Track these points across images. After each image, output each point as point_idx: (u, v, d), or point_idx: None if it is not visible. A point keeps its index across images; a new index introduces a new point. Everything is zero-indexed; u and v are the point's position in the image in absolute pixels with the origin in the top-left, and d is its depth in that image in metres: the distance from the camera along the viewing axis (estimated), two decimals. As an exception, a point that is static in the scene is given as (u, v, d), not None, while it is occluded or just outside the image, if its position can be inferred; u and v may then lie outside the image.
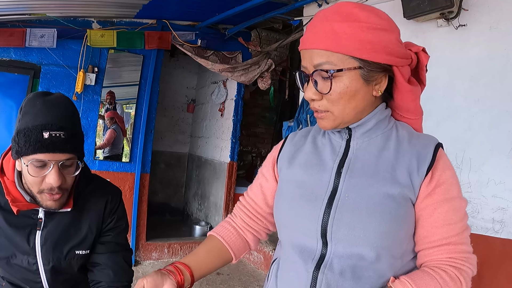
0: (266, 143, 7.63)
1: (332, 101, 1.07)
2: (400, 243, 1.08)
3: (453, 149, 2.75)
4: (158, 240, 5.59)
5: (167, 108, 7.37)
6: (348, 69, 1.03)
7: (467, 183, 2.68)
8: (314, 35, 1.05)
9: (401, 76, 1.08)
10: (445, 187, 1.07)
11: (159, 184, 7.28)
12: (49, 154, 1.36)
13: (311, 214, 1.11)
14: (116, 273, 1.65)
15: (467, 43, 2.76)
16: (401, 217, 1.06)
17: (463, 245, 1.07)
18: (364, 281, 1.07)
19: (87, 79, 4.87)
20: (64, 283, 1.66)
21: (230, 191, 6.02)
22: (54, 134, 1.36)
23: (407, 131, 1.16)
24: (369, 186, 1.08)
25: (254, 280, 4.94)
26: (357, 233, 1.05)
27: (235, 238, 1.37)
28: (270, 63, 5.40)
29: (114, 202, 1.69)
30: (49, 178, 1.39)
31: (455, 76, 2.82)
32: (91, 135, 5.02)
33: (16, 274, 1.59)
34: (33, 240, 1.53)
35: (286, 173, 1.26)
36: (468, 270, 1.06)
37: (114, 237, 1.69)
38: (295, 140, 1.31)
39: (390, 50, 1.03)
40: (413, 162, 1.08)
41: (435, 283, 1.02)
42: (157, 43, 5.11)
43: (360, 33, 1.01)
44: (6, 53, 4.57)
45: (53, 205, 1.46)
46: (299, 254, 1.14)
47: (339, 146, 1.17)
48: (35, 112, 1.39)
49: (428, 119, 2.77)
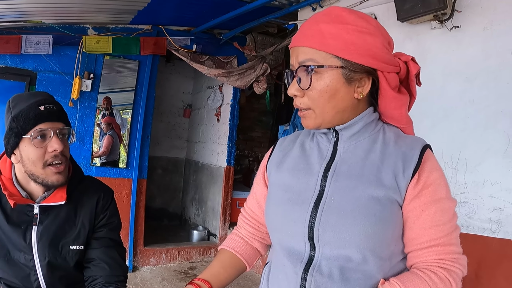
0: (263, 147, 7.63)
1: (313, 98, 1.09)
2: (387, 244, 1.08)
3: (449, 149, 2.76)
4: (156, 246, 5.58)
5: (163, 114, 7.38)
6: (329, 66, 1.05)
7: (463, 184, 2.69)
8: (302, 34, 1.10)
9: (385, 82, 1.09)
10: (432, 188, 1.07)
11: (157, 190, 7.27)
12: (48, 123, 1.53)
13: (298, 218, 1.13)
14: (111, 267, 1.70)
15: (461, 44, 2.77)
16: (387, 219, 1.06)
17: (452, 246, 1.07)
18: (352, 283, 1.08)
19: (83, 85, 4.87)
20: (60, 280, 1.69)
21: (227, 195, 6.02)
22: (49, 107, 1.55)
23: (394, 133, 1.16)
24: (354, 189, 1.09)
25: (253, 284, 4.93)
26: (342, 236, 1.05)
27: (245, 247, 1.40)
28: (266, 67, 5.41)
29: (106, 199, 1.77)
30: (53, 144, 1.53)
31: (449, 77, 2.83)
32: (87, 141, 5.01)
33: (13, 271, 1.62)
34: (29, 236, 1.59)
35: (274, 178, 1.28)
36: (457, 271, 1.06)
37: (107, 232, 1.76)
38: (284, 145, 1.33)
39: (373, 54, 1.05)
40: (398, 164, 1.09)
41: (425, 284, 1.03)
42: (153, 49, 5.12)
43: (345, 34, 1.04)
44: (2, 60, 4.57)
45: (58, 179, 1.57)
46: (288, 257, 1.16)
47: (326, 150, 1.19)
48: (25, 99, 1.56)
49: (423, 120, 2.82)
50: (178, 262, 5.62)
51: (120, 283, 1.69)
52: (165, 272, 5.29)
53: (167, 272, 5.31)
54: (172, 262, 5.59)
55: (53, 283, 1.67)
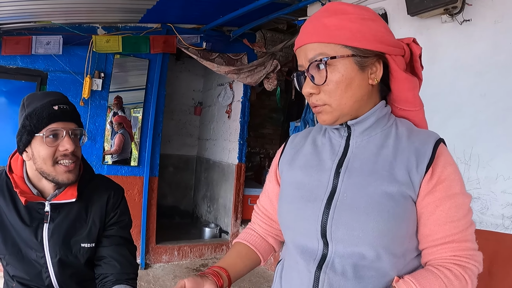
0: (274, 144, 7.62)
1: (329, 92, 1.08)
2: (401, 241, 1.06)
3: (461, 145, 2.74)
4: (168, 243, 5.61)
5: (174, 112, 7.40)
6: (341, 56, 1.05)
7: (476, 179, 2.67)
8: (305, 33, 1.10)
9: (395, 64, 1.09)
10: (446, 183, 1.05)
11: (168, 187, 7.31)
12: (61, 123, 1.55)
13: (310, 215, 1.12)
14: (122, 265, 1.71)
15: (472, 38, 2.74)
16: (400, 215, 1.05)
17: (467, 242, 1.05)
18: (366, 280, 1.06)
19: (94, 84, 4.90)
20: (71, 278, 1.71)
21: (239, 192, 6.03)
22: (62, 107, 1.57)
23: (407, 128, 1.15)
24: (367, 185, 1.07)
25: (265, 281, 4.94)
26: (356, 233, 1.04)
27: (259, 241, 1.41)
28: (276, 63, 5.40)
29: (116, 197, 1.78)
30: (64, 144, 1.55)
31: (460, 72, 2.80)
32: (99, 140, 5.05)
33: (25, 269, 1.64)
34: (40, 234, 1.61)
35: (286, 175, 1.27)
36: (473, 267, 1.04)
37: (117, 230, 1.77)
38: (295, 141, 1.33)
39: (379, 38, 1.06)
40: (411, 159, 1.07)
41: (440, 282, 1.01)
42: (162, 47, 5.13)
43: (349, 23, 1.05)
44: (13, 61, 4.62)
45: (69, 177, 1.59)
46: (301, 254, 1.15)
47: (338, 145, 1.18)
48: (39, 98, 1.58)
49: (434, 116, 2.78)
50: (190, 259, 5.65)
51: (130, 281, 1.70)
52: (177, 269, 5.32)
53: (179, 269, 5.34)
54: (184, 259, 5.62)
55: (65, 280, 1.69)
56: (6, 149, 2.37)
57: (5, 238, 1.61)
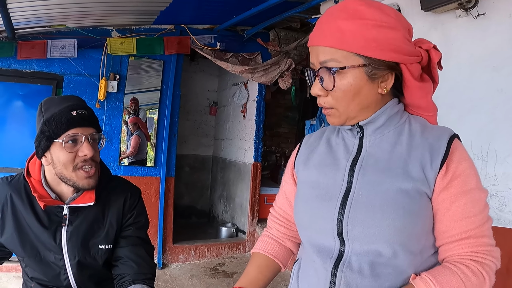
0: (289, 143, 7.61)
1: (336, 98, 1.08)
2: (417, 238, 1.05)
3: (478, 141, 2.69)
4: (185, 243, 5.64)
5: (189, 112, 7.43)
6: (352, 66, 1.03)
7: (493, 176, 2.62)
8: (320, 32, 1.07)
9: (409, 74, 1.07)
10: (462, 179, 1.04)
11: (185, 187, 7.34)
12: (80, 128, 1.55)
13: (326, 214, 1.12)
14: (139, 265, 1.71)
15: (487, 32, 2.69)
16: (416, 212, 1.04)
17: (484, 238, 1.04)
18: (383, 278, 1.06)
19: (109, 86, 4.95)
20: (90, 279, 1.72)
21: (255, 192, 6.03)
22: (81, 112, 1.57)
23: (420, 124, 1.14)
24: (382, 183, 1.07)
25: (281, 280, 4.93)
26: (372, 231, 1.04)
27: (277, 248, 1.39)
28: (290, 62, 5.38)
29: (133, 199, 1.78)
30: (84, 150, 1.56)
31: (476, 67, 2.76)
32: (115, 141, 5.10)
33: (44, 271, 1.66)
34: (59, 236, 1.63)
35: (302, 175, 1.27)
36: (491, 263, 1.03)
37: (134, 231, 1.77)
38: (310, 142, 1.33)
39: (396, 48, 1.02)
40: (425, 156, 1.06)
41: (457, 278, 1.00)
42: (177, 48, 5.16)
43: (365, 30, 1.01)
44: (28, 65, 4.69)
45: (90, 183, 1.60)
46: (317, 253, 1.15)
47: (352, 145, 1.17)
48: (57, 103, 1.58)
49: (451, 111, 2.76)
50: (207, 259, 5.67)
51: (148, 281, 1.70)
52: (194, 269, 5.34)
53: (196, 268, 5.36)
54: (201, 259, 5.64)
55: (83, 281, 1.70)
56: (24, 152, 2.41)
57: (24, 240, 1.62)
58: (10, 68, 4.65)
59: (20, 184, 1.65)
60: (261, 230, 5.87)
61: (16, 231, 1.62)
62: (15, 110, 4.84)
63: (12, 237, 1.62)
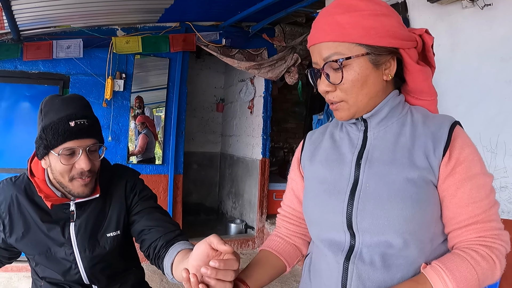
0: (297, 138, 7.59)
1: (346, 90, 1.10)
2: (427, 226, 1.06)
3: (487, 133, 2.67)
4: (194, 240, 5.56)
5: (196, 109, 7.44)
6: (356, 56, 1.06)
7: (503, 168, 2.60)
8: (319, 30, 1.10)
9: (409, 58, 1.10)
10: (465, 165, 1.05)
11: (193, 185, 7.36)
12: (77, 140, 1.50)
13: (335, 208, 1.13)
14: (164, 227, 1.63)
15: (494, 22, 2.66)
16: (423, 200, 1.05)
17: (492, 222, 1.04)
18: (394, 269, 1.06)
19: (116, 85, 4.97)
20: (102, 272, 1.72)
21: (263, 187, 6.02)
22: (79, 122, 1.51)
23: (422, 114, 1.16)
24: (388, 174, 1.08)
25: (291, 275, 4.93)
26: (381, 222, 1.05)
27: (284, 246, 1.38)
28: (296, 57, 5.37)
29: (132, 181, 1.77)
30: (80, 163, 1.52)
31: (484, 58, 2.73)
32: (123, 140, 5.12)
33: (54, 267, 1.67)
34: (68, 232, 1.63)
35: (308, 171, 1.28)
36: (500, 247, 1.03)
37: (143, 204, 1.73)
38: (314, 138, 1.34)
39: (393, 34, 1.06)
40: (428, 144, 1.08)
41: (467, 264, 1.00)
42: (182, 46, 5.16)
43: (362, 20, 1.05)
44: (34, 66, 4.72)
45: (84, 191, 1.58)
46: (328, 247, 1.16)
47: (356, 139, 1.19)
48: (56, 108, 1.52)
49: (459, 103, 2.73)
50: (216, 256, 5.66)
51: (180, 237, 1.60)
52: (204, 266, 5.33)
53: (206, 265, 5.35)
54: (211, 256, 5.63)
55: (95, 275, 1.70)
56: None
57: (34, 239, 1.63)
58: (16, 70, 4.68)
59: (24, 184, 1.65)
60: (270, 226, 5.88)
61: (25, 230, 1.62)
62: (23, 111, 4.86)
63: (22, 237, 1.63)
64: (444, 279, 0.99)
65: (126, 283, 1.81)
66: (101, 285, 1.74)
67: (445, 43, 2.88)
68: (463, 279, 0.98)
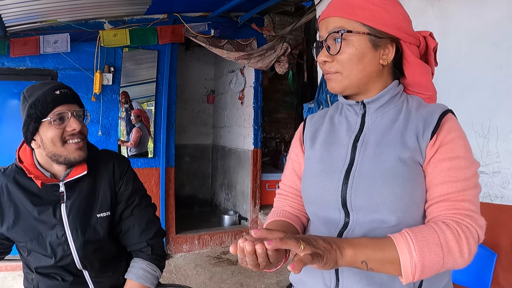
0: (289, 128, 7.58)
1: (342, 62, 1.16)
2: (417, 205, 1.12)
3: (479, 118, 2.66)
4: (188, 233, 5.64)
5: (187, 101, 7.40)
6: (357, 32, 1.14)
7: (496, 153, 2.59)
8: (330, 7, 1.20)
9: (409, 50, 1.17)
10: (448, 146, 1.10)
11: (186, 177, 7.34)
12: (65, 105, 1.64)
13: (331, 187, 1.19)
14: (133, 235, 1.85)
15: (486, 7, 2.63)
16: (414, 179, 1.10)
17: (465, 202, 1.07)
18: None
19: (104, 79, 4.91)
20: (94, 255, 1.76)
21: (256, 178, 6.01)
22: (64, 91, 1.66)
23: (417, 102, 1.22)
24: (382, 154, 1.14)
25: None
26: (374, 199, 1.10)
27: (290, 215, 1.39)
28: (286, 46, 5.34)
29: (121, 167, 1.86)
30: (72, 125, 1.64)
31: (476, 43, 2.71)
32: (113, 134, 5.08)
33: (47, 252, 1.70)
34: (59, 213, 1.69)
35: (308, 152, 1.34)
36: (470, 227, 1.04)
37: (126, 201, 1.85)
38: (314, 120, 1.40)
39: (397, 24, 1.15)
40: (419, 127, 1.14)
41: (433, 232, 1.02)
42: (170, 37, 5.11)
43: (371, 6, 1.14)
44: (22, 62, 4.66)
45: (80, 154, 1.68)
46: (323, 225, 1.22)
47: (354, 123, 1.26)
48: (39, 87, 1.66)
49: (451, 89, 2.72)
50: (210, 248, 5.68)
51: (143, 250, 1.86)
52: (198, 258, 5.35)
53: (200, 258, 5.37)
54: (205, 248, 5.65)
55: (87, 257, 1.74)
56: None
57: (25, 225, 1.68)
58: (3, 67, 4.61)
59: (13, 172, 1.72)
60: (263, 216, 5.88)
61: (16, 217, 1.68)
62: (11, 108, 4.78)
63: (13, 224, 1.68)
64: (405, 236, 1.01)
65: (118, 270, 1.87)
66: (93, 271, 1.79)
67: (436, 29, 2.85)
68: (424, 240, 1.00)
